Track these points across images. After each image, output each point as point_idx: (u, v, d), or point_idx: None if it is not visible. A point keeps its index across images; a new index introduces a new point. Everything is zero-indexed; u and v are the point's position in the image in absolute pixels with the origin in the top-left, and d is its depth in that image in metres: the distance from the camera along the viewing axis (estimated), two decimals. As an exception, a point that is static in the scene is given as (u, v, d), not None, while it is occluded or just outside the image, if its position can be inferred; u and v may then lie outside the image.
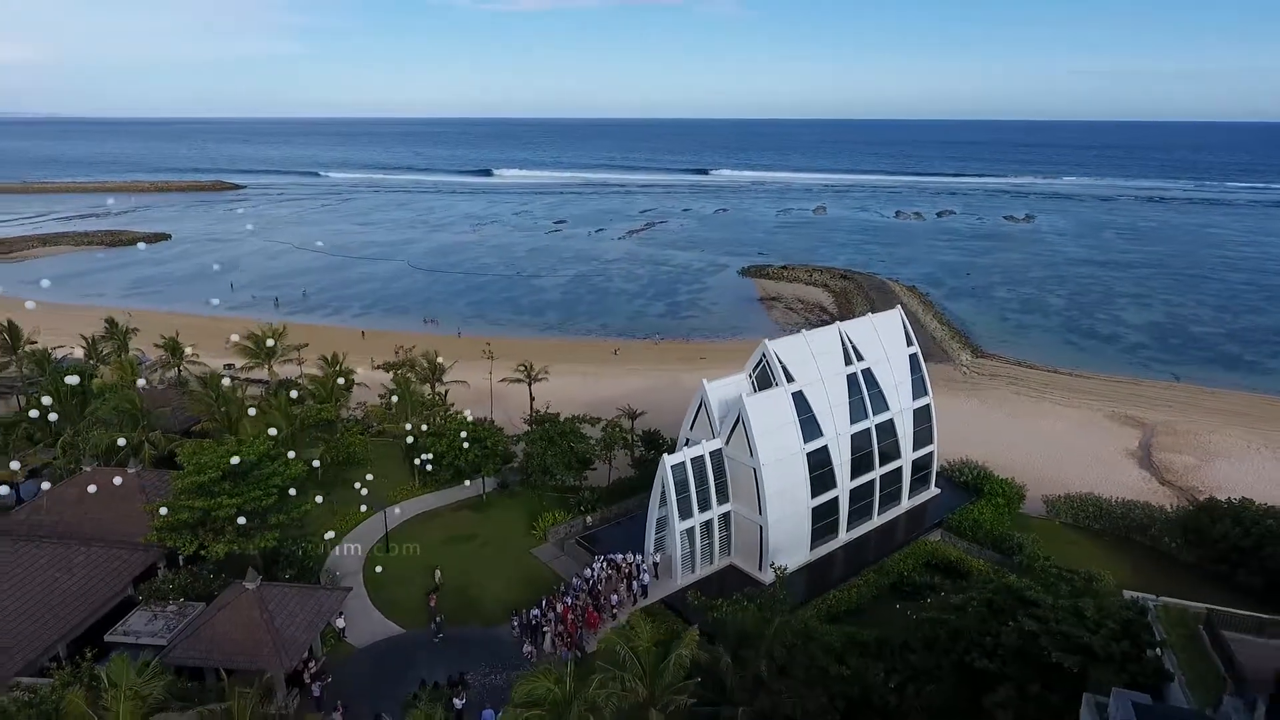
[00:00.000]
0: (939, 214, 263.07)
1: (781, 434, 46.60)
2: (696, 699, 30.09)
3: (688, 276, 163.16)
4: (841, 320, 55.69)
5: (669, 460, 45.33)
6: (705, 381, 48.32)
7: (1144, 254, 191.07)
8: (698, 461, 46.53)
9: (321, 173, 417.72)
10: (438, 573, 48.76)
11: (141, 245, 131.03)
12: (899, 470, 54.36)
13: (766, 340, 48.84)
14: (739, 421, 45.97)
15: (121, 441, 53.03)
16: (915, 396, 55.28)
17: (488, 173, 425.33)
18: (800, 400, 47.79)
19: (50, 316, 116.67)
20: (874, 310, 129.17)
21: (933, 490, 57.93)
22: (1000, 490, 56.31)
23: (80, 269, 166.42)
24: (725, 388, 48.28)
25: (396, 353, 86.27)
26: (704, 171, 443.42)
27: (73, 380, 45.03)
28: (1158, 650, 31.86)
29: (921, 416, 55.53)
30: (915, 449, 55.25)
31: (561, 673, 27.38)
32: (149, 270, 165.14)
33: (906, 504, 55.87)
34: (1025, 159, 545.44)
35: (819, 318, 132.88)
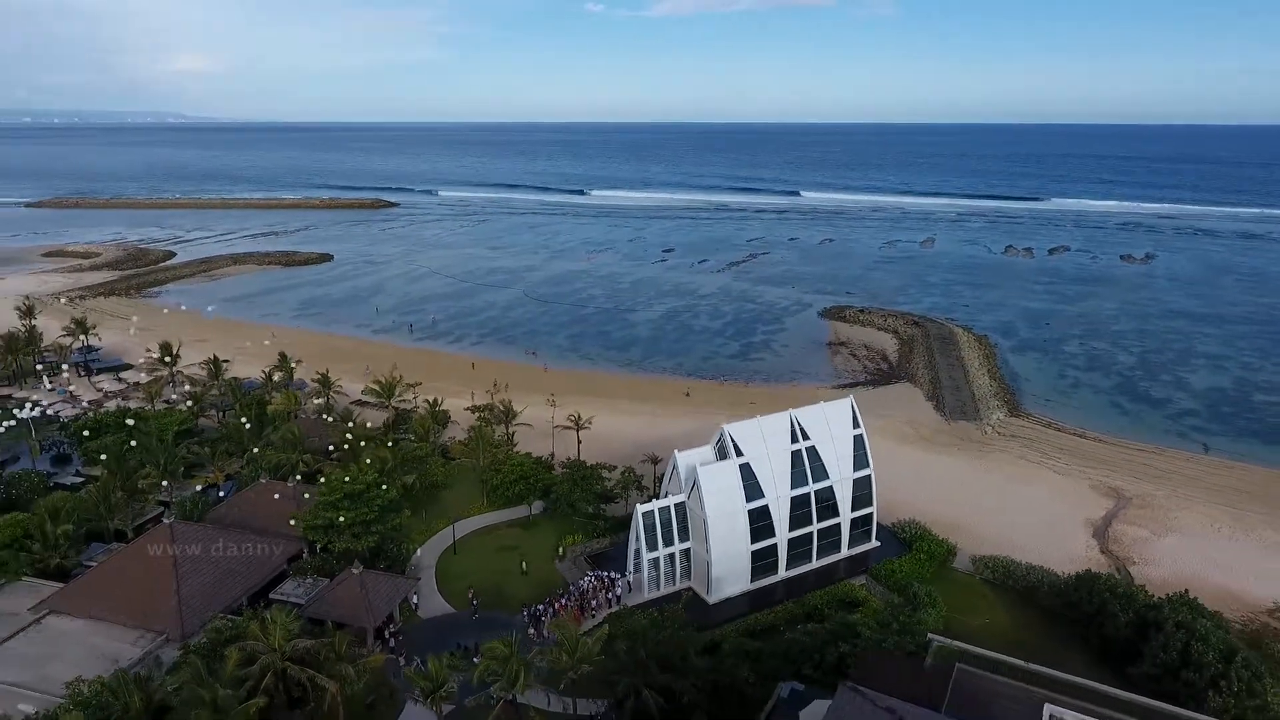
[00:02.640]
0: (1050, 251, 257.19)
1: (728, 494, 63.34)
2: (602, 671, 48.06)
3: (769, 316, 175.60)
4: (899, 371, 69.07)
5: (640, 509, 63.36)
6: (676, 451, 65.72)
7: (1255, 306, 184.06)
8: (664, 510, 64.19)
9: (463, 192, 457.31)
10: (524, 563, 68.83)
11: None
12: (837, 525, 69.46)
13: (725, 425, 65.61)
14: (695, 483, 63.07)
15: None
16: (857, 469, 70.02)
17: (581, 191, 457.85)
18: (746, 470, 64.28)
19: (237, 334, 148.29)
20: (933, 360, 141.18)
21: (873, 543, 72.33)
22: (926, 548, 69.85)
23: (262, 288, 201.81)
24: (691, 456, 65.39)
25: (494, 385, 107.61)
26: (822, 192, 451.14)
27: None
28: (918, 675, 46.74)
29: (861, 485, 70.25)
30: (854, 510, 70.13)
31: (509, 639, 46.33)
32: (314, 291, 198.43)
33: (846, 552, 70.82)
34: (1179, 181, 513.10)
35: (878, 366, 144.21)
